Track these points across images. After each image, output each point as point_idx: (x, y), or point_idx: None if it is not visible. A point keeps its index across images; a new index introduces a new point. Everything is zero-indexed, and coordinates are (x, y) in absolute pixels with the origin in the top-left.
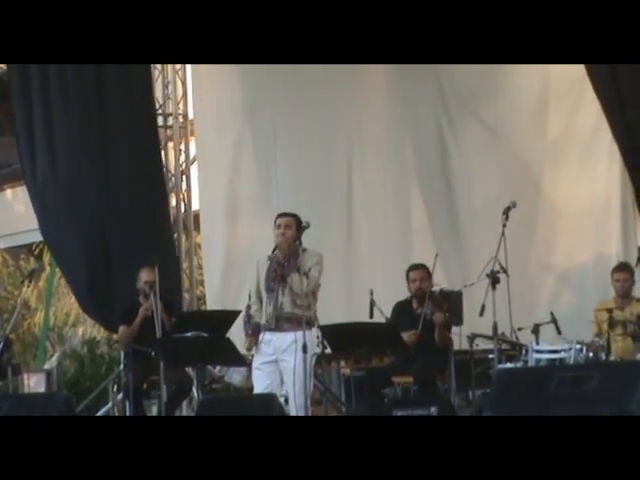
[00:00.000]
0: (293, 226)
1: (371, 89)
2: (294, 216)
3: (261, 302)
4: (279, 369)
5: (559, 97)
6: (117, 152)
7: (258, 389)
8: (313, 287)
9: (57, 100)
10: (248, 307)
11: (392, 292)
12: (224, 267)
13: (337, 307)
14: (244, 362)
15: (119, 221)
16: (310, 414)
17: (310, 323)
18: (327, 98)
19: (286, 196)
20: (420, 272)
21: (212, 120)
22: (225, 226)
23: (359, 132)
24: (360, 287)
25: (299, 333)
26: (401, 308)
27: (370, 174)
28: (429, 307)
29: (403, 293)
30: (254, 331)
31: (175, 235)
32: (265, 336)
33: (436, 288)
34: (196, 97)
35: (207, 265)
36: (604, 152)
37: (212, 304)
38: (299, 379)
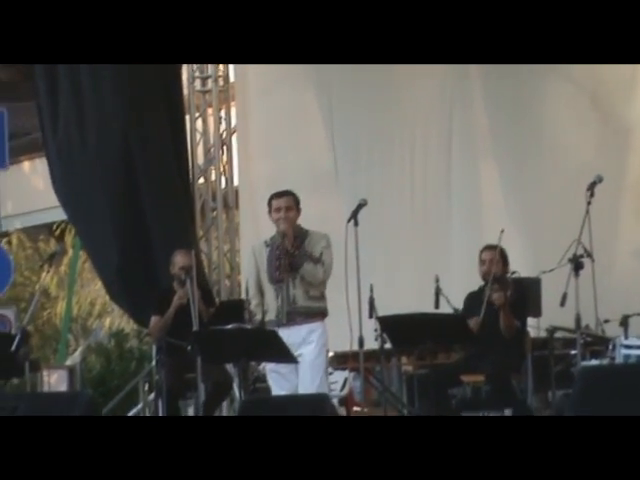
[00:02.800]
0: (294, 207)
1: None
2: (292, 194)
3: (262, 295)
4: (295, 367)
5: None
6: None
7: (277, 392)
8: (328, 275)
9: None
10: (247, 303)
11: (462, 279)
12: None
13: (402, 295)
14: (294, 358)
15: (153, 197)
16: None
17: (324, 314)
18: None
19: (346, 171)
20: (491, 253)
21: (256, 83)
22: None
23: (422, 108)
24: (425, 273)
25: (314, 324)
26: (472, 298)
27: (434, 148)
28: (494, 290)
29: (476, 281)
30: None
31: (214, 214)
32: None
33: (511, 275)
34: None
35: (244, 248)
36: None
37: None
38: (318, 373)
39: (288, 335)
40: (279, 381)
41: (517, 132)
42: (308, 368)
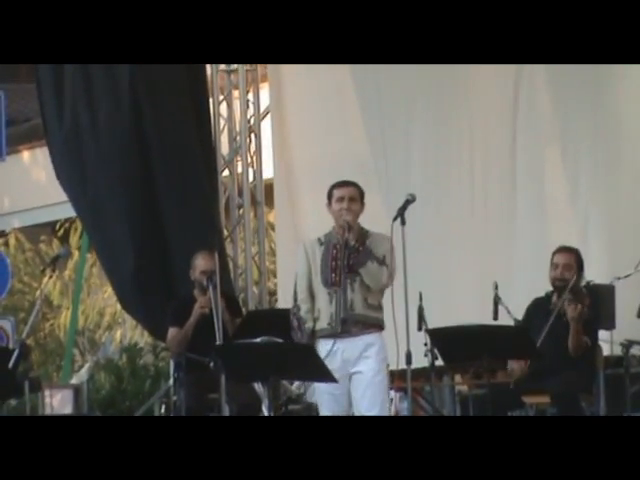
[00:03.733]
0: (358, 199)
1: None
2: (357, 185)
3: (313, 300)
4: (348, 387)
5: None
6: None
7: None
8: (392, 281)
9: None
10: (296, 308)
11: (524, 287)
12: None
13: (455, 305)
14: (332, 377)
15: (172, 192)
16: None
17: (382, 327)
18: None
19: (397, 164)
20: (566, 256)
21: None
22: (306, 199)
23: (483, 99)
24: (483, 280)
25: (372, 336)
26: (536, 306)
27: (495, 144)
28: (568, 301)
29: (540, 290)
30: (310, 342)
31: (241, 211)
32: (327, 346)
33: (586, 284)
34: None
35: (280, 250)
36: None
37: (284, 300)
38: (379, 394)
39: (343, 350)
40: (330, 404)
41: (588, 125)
42: (367, 388)
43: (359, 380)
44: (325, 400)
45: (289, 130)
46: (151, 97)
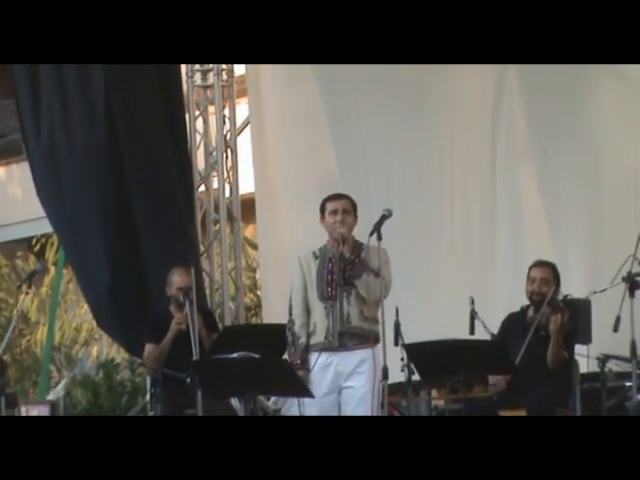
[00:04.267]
0: (352, 211)
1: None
2: (350, 198)
3: (308, 314)
4: (338, 401)
5: None
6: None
7: None
8: (387, 293)
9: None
10: (290, 323)
11: (500, 301)
12: (285, 267)
13: (431, 320)
14: (309, 392)
15: (148, 207)
16: None
17: (377, 340)
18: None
19: (377, 179)
20: (543, 270)
21: (273, 75)
22: (288, 214)
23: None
24: (458, 294)
25: (367, 352)
26: (512, 321)
27: (472, 150)
28: (546, 315)
29: (516, 303)
30: (303, 357)
31: (217, 226)
32: (321, 358)
33: (563, 298)
34: None
35: (264, 264)
36: None
37: (269, 315)
38: (370, 411)
39: (337, 363)
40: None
41: (568, 140)
42: (359, 404)
43: (351, 395)
44: (314, 413)
45: (270, 145)
46: (126, 113)
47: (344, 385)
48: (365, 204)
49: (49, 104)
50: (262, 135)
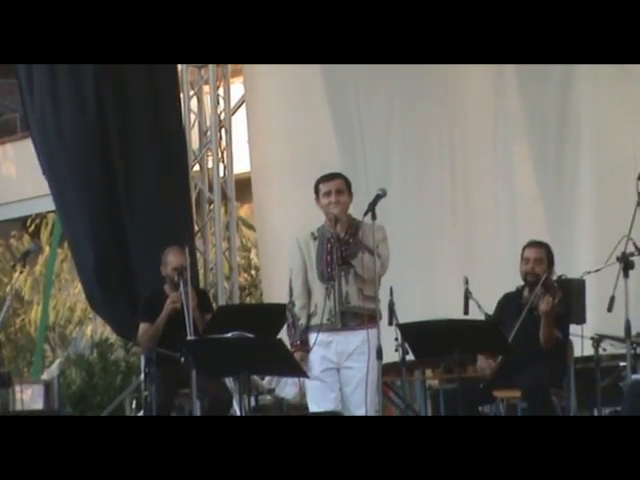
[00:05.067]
0: (346, 190)
1: None
2: (343, 177)
3: (309, 296)
4: (338, 378)
5: None
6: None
7: (318, 406)
8: (385, 270)
9: None
10: (291, 304)
11: (494, 281)
12: (283, 246)
13: (425, 300)
14: (303, 372)
15: (143, 189)
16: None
17: (376, 319)
18: None
19: (374, 155)
20: (537, 251)
21: None
22: (286, 192)
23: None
24: (453, 275)
25: (371, 332)
26: (508, 301)
27: (472, 130)
28: (539, 295)
29: (510, 284)
30: (303, 338)
31: (211, 206)
32: (321, 336)
33: (558, 278)
34: None
35: (262, 244)
36: None
37: (269, 295)
38: (371, 392)
39: (338, 342)
40: (323, 391)
41: (558, 126)
42: (359, 385)
43: (351, 376)
44: (317, 388)
45: (266, 124)
46: (118, 91)
47: (344, 365)
48: (364, 184)
49: (39, 80)
50: (258, 115)
